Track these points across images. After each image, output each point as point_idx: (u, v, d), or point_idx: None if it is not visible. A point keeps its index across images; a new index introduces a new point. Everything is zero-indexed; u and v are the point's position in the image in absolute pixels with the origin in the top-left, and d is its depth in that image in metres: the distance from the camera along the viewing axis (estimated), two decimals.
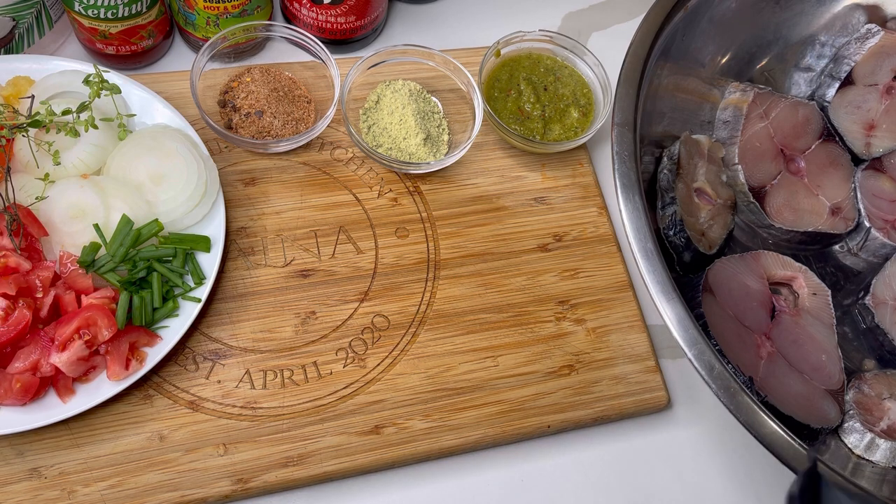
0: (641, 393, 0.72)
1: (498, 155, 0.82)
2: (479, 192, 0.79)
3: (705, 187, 0.75)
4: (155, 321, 0.65)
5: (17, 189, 0.65)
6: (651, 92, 0.70)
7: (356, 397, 0.68)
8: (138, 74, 0.75)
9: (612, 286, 0.77)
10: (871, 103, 0.82)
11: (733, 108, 0.80)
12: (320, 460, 0.65)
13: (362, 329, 0.71)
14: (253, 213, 0.74)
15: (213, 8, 0.75)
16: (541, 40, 0.83)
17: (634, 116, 0.67)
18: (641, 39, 0.70)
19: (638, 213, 0.62)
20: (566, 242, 0.78)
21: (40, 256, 0.64)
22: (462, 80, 0.80)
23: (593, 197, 0.81)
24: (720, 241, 0.74)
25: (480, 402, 0.70)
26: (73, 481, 0.61)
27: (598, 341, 0.74)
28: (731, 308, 0.69)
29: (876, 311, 0.75)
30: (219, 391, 0.66)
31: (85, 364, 0.61)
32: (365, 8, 0.81)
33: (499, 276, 0.75)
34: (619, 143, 0.65)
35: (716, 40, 0.80)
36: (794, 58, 0.85)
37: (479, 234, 0.77)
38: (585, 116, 0.81)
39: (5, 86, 0.70)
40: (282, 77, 0.79)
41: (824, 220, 0.78)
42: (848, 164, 0.82)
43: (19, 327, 0.59)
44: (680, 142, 0.74)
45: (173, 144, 0.68)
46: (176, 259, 0.66)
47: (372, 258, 0.74)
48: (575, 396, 0.71)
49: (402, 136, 0.76)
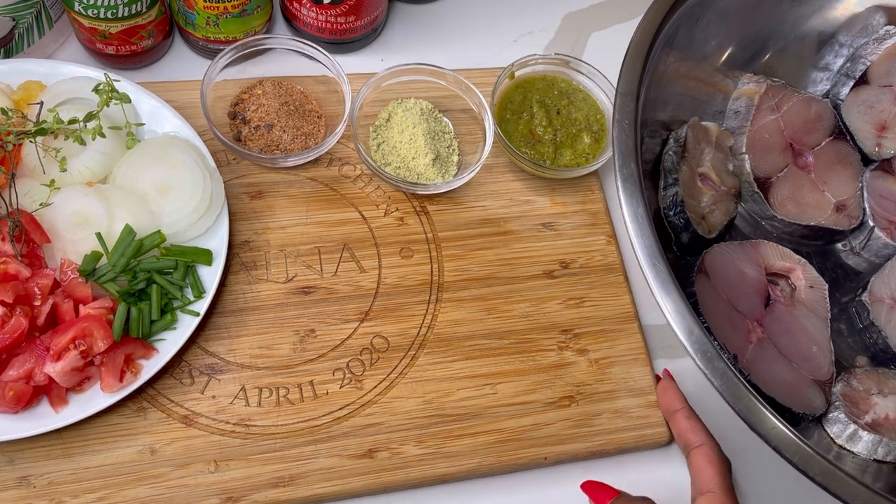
0: (642, 428, 0.71)
1: (507, 178, 0.81)
2: (486, 215, 0.78)
3: (710, 173, 0.74)
4: (152, 333, 0.64)
5: (21, 194, 0.65)
6: (658, 77, 0.70)
7: (351, 419, 0.67)
8: (149, 83, 0.75)
9: (617, 317, 0.76)
10: (884, 104, 0.82)
11: (746, 99, 0.79)
12: (311, 482, 0.64)
13: (361, 350, 0.70)
14: (257, 226, 0.74)
15: (212, 8, 0.75)
16: (556, 63, 0.82)
17: (638, 87, 0.65)
18: (653, 17, 0.69)
19: (633, 180, 0.60)
20: (573, 270, 0.77)
21: (41, 263, 0.64)
22: (474, 101, 0.79)
23: (602, 224, 0.80)
24: (720, 227, 0.74)
25: (477, 430, 0.68)
26: (63, 492, 0.61)
27: (601, 373, 0.73)
28: (725, 292, 0.69)
29: (872, 308, 0.74)
30: (213, 406, 0.66)
31: (79, 374, 0.61)
32: (365, 8, 0.81)
33: (502, 302, 0.74)
34: (621, 112, 0.63)
35: (726, 30, 0.80)
36: (811, 55, 0.85)
37: (484, 258, 0.76)
38: (598, 142, 0.80)
39: (17, 90, 0.70)
40: (293, 91, 0.78)
41: (828, 215, 0.78)
42: (857, 164, 0.81)
43: (15, 335, 0.58)
44: (688, 126, 0.74)
45: (181, 156, 0.68)
46: (177, 271, 0.66)
47: (374, 277, 0.73)
48: (574, 429, 0.70)
49: (412, 156, 0.76)
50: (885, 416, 0.67)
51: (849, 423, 0.66)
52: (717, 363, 0.55)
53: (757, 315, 0.70)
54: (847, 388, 0.69)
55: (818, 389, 0.68)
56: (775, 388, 0.65)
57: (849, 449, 0.66)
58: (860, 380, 0.69)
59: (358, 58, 0.86)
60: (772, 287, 0.72)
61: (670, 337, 0.57)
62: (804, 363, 0.69)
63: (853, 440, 0.66)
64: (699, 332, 0.55)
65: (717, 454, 0.60)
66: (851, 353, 0.75)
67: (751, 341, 0.68)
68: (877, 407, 0.68)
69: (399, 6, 0.91)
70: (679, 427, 0.64)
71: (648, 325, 0.76)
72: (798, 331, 0.70)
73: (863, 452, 0.66)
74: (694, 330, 0.55)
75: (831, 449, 0.66)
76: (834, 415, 0.67)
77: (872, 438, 0.65)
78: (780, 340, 0.69)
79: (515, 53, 0.90)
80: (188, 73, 0.80)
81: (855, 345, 0.75)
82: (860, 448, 0.66)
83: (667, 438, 0.71)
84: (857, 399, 0.68)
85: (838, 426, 0.67)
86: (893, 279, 0.75)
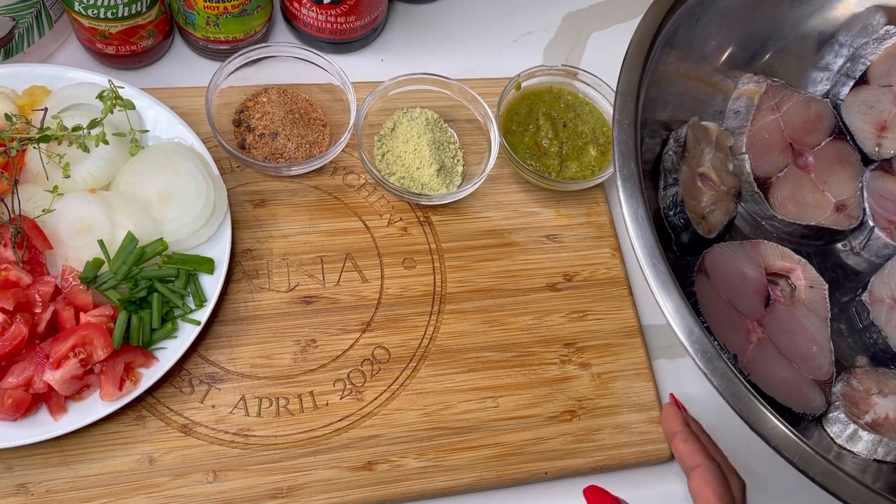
0: (644, 444, 0.70)
1: (512, 189, 0.80)
2: (490, 226, 0.78)
3: (710, 173, 0.74)
4: (153, 342, 0.64)
5: (24, 200, 0.65)
6: (658, 77, 0.70)
7: (351, 431, 0.67)
8: (154, 88, 0.75)
9: (620, 331, 0.75)
10: (884, 104, 0.81)
11: (746, 99, 0.79)
12: (310, 493, 0.64)
13: (362, 360, 0.70)
14: (260, 235, 0.73)
15: (212, 8, 0.75)
16: (563, 74, 0.82)
17: (638, 87, 0.65)
18: (653, 17, 0.69)
19: (633, 180, 0.60)
20: (576, 283, 0.77)
21: (43, 270, 0.64)
22: (479, 112, 0.79)
23: (607, 237, 0.79)
24: (720, 227, 0.73)
25: (478, 443, 0.68)
26: (60, 500, 0.61)
27: (603, 387, 0.72)
28: (725, 292, 0.69)
29: (872, 308, 0.74)
30: (212, 416, 0.65)
31: (78, 382, 0.60)
32: (365, 8, 0.80)
33: (505, 314, 0.74)
34: (621, 112, 0.63)
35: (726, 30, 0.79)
36: (811, 55, 0.85)
37: (487, 269, 0.76)
38: (604, 155, 0.80)
39: (21, 94, 0.70)
40: (298, 99, 0.78)
41: (828, 215, 0.77)
42: (857, 164, 0.81)
43: (15, 342, 0.58)
44: (688, 126, 0.74)
45: (184, 163, 0.68)
46: (178, 280, 0.65)
47: (377, 288, 0.73)
48: (575, 443, 0.70)
49: (416, 166, 0.75)
50: (885, 416, 0.67)
51: (849, 423, 0.66)
52: (717, 363, 0.55)
53: (757, 315, 0.69)
54: (847, 388, 0.69)
55: (818, 389, 0.68)
56: (775, 388, 0.65)
57: (849, 449, 0.66)
58: (860, 380, 0.69)
59: (358, 58, 0.86)
60: (772, 287, 0.72)
61: (670, 337, 0.57)
62: (804, 363, 0.68)
63: (853, 440, 0.66)
64: (699, 332, 0.55)
65: (715, 476, 0.59)
66: (851, 353, 0.74)
67: (751, 341, 0.68)
68: (877, 407, 0.68)
69: (399, 6, 0.91)
70: (677, 450, 0.63)
71: (648, 326, 0.76)
72: (798, 331, 0.70)
73: (863, 452, 0.66)
74: (694, 330, 0.55)
75: (831, 449, 0.66)
76: (834, 415, 0.67)
77: (872, 438, 0.65)
78: (780, 340, 0.69)
79: (515, 53, 0.90)
80: (188, 73, 0.80)
81: (855, 345, 0.75)
82: (860, 448, 0.66)
83: (668, 455, 0.70)
84: (857, 399, 0.68)
85: (838, 426, 0.67)
86: (893, 279, 0.75)
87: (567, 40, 0.93)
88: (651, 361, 0.75)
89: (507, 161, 0.80)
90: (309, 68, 0.77)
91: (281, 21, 0.86)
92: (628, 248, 0.80)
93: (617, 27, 0.95)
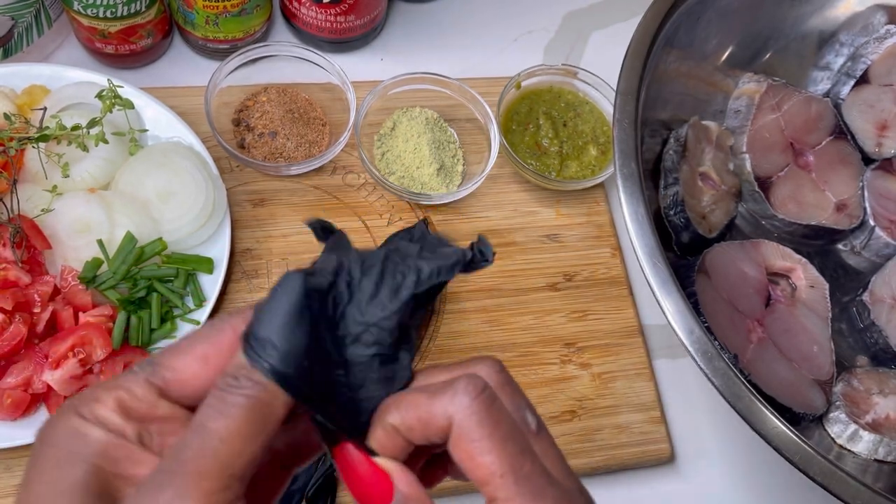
0: (644, 444, 0.70)
1: (512, 188, 0.80)
2: (490, 226, 0.78)
3: (710, 172, 0.74)
4: (152, 342, 0.64)
5: (23, 200, 0.64)
6: (658, 76, 0.70)
7: None
8: (153, 88, 0.74)
9: (621, 330, 0.75)
10: (884, 103, 0.81)
11: (746, 98, 0.79)
12: None
13: None
14: (259, 234, 0.73)
15: (212, 7, 0.75)
16: (563, 73, 0.82)
17: (639, 86, 0.65)
18: (653, 16, 0.69)
19: (633, 179, 0.60)
20: (577, 283, 0.77)
21: (42, 269, 0.63)
22: (479, 111, 0.79)
23: (607, 237, 0.79)
24: (721, 227, 0.73)
25: None
26: None
27: (604, 387, 0.72)
28: (726, 292, 0.69)
29: (873, 308, 0.74)
30: None
31: (78, 382, 0.60)
32: (364, 7, 0.80)
33: (505, 314, 0.74)
34: (621, 111, 0.63)
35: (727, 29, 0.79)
36: (812, 55, 0.85)
37: (487, 269, 0.75)
38: (604, 155, 0.79)
39: (21, 94, 0.70)
40: (298, 98, 0.78)
41: (829, 215, 0.77)
42: (857, 163, 0.81)
43: (14, 343, 0.58)
44: (688, 125, 0.73)
45: (183, 162, 0.68)
46: (177, 279, 0.65)
47: None
48: (576, 444, 0.69)
49: (416, 166, 0.75)
50: (885, 415, 0.67)
51: (849, 423, 0.66)
52: (718, 363, 0.54)
53: (757, 315, 0.69)
54: (848, 388, 0.69)
55: (819, 389, 0.68)
56: (776, 387, 0.64)
57: (849, 449, 0.66)
58: (861, 380, 0.69)
59: (358, 57, 0.86)
60: (772, 287, 0.72)
61: (671, 337, 0.57)
62: (805, 363, 0.68)
63: (854, 440, 0.66)
64: (699, 331, 0.55)
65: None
66: (852, 352, 0.74)
67: (751, 341, 0.68)
68: (877, 407, 0.68)
69: (399, 5, 0.91)
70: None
71: (649, 325, 0.76)
72: (799, 330, 0.70)
73: (863, 452, 0.66)
74: (694, 330, 0.55)
75: (832, 449, 0.66)
76: (834, 415, 0.67)
77: (873, 438, 0.65)
78: (780, 340, 0.69)
79: (516, 53, 0.90)
80: (187, 73, 0.80)
81: (855, 344, 0.75)
82: (861, 448, 0.66)
83: (668, 455, 0.70)
84: (857, 399, 0.68)
85: (839, 426, 0.67)
86: (894, 279, 0.75)
87: (567, 39, 0.93)
88: (651, 361, 0.75)
89: (507, 160, 0.80)
90: (308, 67, 0.77)
91: (280, 20, 0.85)
92: (629, 247, 0.79)
93: (617, 26, 0.95)
